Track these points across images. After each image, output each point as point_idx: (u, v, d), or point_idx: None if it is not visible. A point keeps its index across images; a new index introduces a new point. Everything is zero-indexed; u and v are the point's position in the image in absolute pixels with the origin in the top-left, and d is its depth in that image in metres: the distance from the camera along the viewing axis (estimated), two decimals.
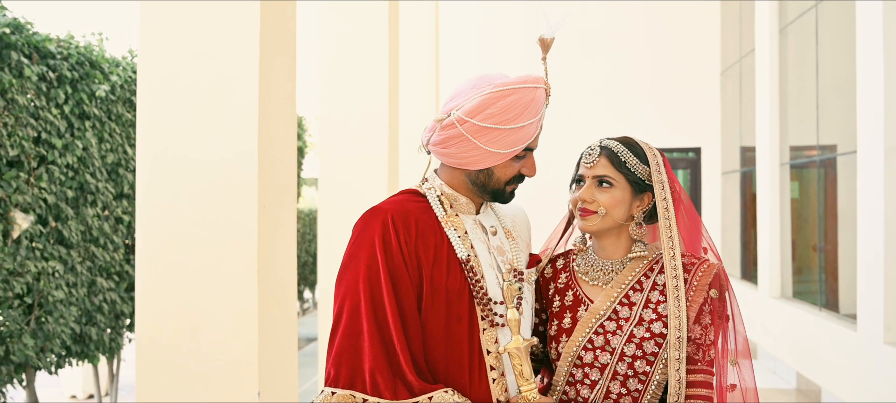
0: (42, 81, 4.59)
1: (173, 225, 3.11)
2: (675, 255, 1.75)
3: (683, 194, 1.86)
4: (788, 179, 8.10)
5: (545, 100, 1.74)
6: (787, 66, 8.09)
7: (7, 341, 4.37)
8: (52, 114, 4.67)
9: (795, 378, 7.45)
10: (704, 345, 1.75)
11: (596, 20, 10.78)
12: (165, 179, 3.11)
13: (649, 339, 1.74)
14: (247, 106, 3.06)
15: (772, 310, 8.07)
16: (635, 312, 1.77)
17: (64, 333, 4.89)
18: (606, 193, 1.79)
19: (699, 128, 10.88)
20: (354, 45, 5.54)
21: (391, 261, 1.63)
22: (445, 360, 1.66)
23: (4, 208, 4.32)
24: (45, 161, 4.70)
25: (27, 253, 4.52)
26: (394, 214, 1.67)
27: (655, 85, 10.81)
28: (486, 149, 1.68)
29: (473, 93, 1.69)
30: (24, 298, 4.62)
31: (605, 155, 1.80)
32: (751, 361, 1.83)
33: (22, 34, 4.35)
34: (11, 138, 4.31)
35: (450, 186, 1.78)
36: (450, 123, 1.69)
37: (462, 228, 1.74)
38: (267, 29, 3.12)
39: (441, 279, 1.66)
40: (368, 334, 1.59)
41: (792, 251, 8.08)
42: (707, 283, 1.77)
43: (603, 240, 1.85)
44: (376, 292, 1.62)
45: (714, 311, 1.77)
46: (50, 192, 4.70)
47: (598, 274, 1.83)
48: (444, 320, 1.66)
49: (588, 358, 1.77)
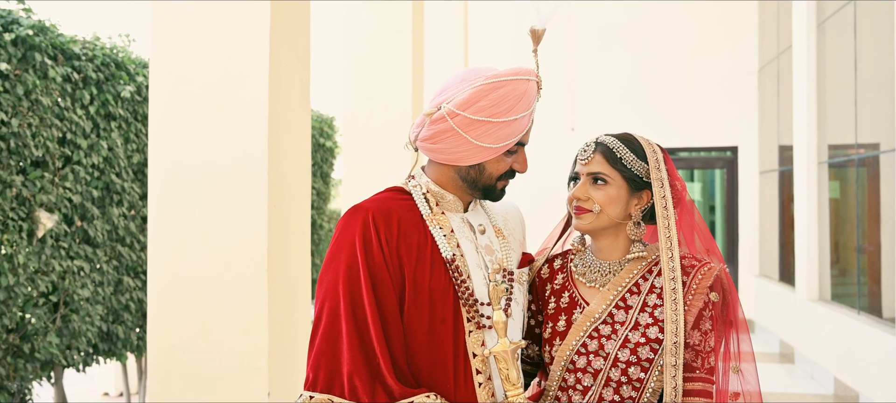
0: (67, 82, 4.64)
1: (184, 227, 3.12)
2: (673, 256, 1.67)
3: (687, 193, 1.78)
4: (827, 178, 7.86)
5: (537, 92, 1.68)
6: (826, 62, 7.86)
7: (33, 339, 4.42)
8: (77, 115, 4.72)
9: (833, 384, 7.23)
10: (704, 352, 1.67)
11: (630, 18, 10.63)
12: (177, 182, 3.12)
13: (644, 344, 1.67)
14: (256, 107, 3.05)
15: (809, 313, 7.84)
16: (631, 316, 1.69)
17: (90, 332, 4.94)
18: (601, 190, 1.72)
19: (736, 127, 10.65)
20: (379, 47, 5.52)
21: (372, 261, 1.58)
22: (429, 363, 1.60)
23: (29, 208, 4.37)
24: (70, 161, 4.76)
25: (52, 252, 4.57)
26: (375, 212, 1.62)
27: (692, 83, 10.61)
28: (478, 144, 1.62)
29: (464, 86, 1.63)
30: (50, 297, 4.67)
31: (600, 151, 1.73)
32: (755, 365, 1.74)
33: (46, 36, 4.40)
34: (36, 139, 4.36)
35: (437, 183, 1.72)
36: (440, 117, 1.63)
37: (448, 227, 1.68)
38: (277, 30, 3.10)
39: (424, 279, 1.60)
40: (347, 336, 1.54)
41: (831, 252, 7.84)
42: (707, 286, 1.68)
43: (600, 240, 1.77)
44: (356, 293, 1.56)
45: (716, 317, 1.69)
46: (75, 192, 4.76)
47: (595, 275, 1.76)
48: (428, 322, 1.60)
49: (581, 363, 1.70)
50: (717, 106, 10.65)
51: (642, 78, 10.67)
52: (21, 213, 4.31)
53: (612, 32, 10.70)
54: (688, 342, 1.65)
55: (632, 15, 10.60)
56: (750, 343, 1.73)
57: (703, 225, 1.77)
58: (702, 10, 10.56)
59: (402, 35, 5.55)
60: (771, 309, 9.60)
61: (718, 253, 1.75)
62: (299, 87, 3.38)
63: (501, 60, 10.56)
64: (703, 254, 1.74)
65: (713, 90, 10.62)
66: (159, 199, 3.12)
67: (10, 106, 4.14)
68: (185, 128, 3.12)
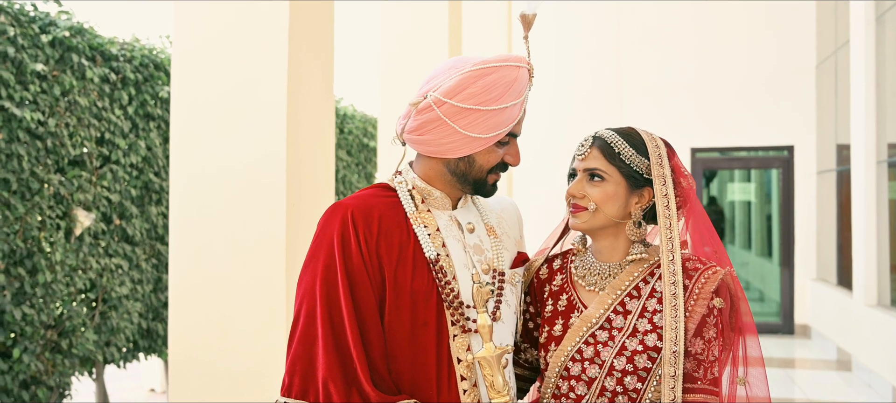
0: (105, 83, 4.71)
1: (204, 228, 3.11)
2: (674, 259, 1.55)
3: (695, 191, 1.66)
4: (886, 178, 7.52)
5: (528, 80, 1.58)
6: (885, 57, 7.51)
7: (71, 335, 4.50)
8: (115, 115, 4.80)
9: (892, 393, 6.90)
10: (706, 362, 1.55)
11: (680, 15, 10.37)
12: (197, 184, 3.12)
13: (641, 353, 1.56)
14: (274, 108, 3.03)
15: (868, 319, 7.51)
16: (629, 321, 1.58)
17: (128, 328, 5.01)
18: (597, 187, 1.61)
19: (792, 125, 10.28)
20: (413, 46, 5.46)
21: (349, 262, 1.50)
22: (411, 368, 1.52)
23: (67, 206, 4.45)
24: (108, 161, 4.83)
25: (90, 250, 4.65)
26: (354, 210, 1.54)
27: (747, 80, 10.29)
28: (466, 134, 1.53)
29: (452, 73, 1.55)
30: (88, 294, 4.75)
31: (597, 146, 1.63)
32: (764, 370, 1.60)
33: (83, 37, 4.47)
34: (73, 138, 4.44)
35: (424, 179, 1.64)
36: (426, 106, 1.55)
37: (433, 225, 1.60)
38: (296, 29, 3.07)
39: (405, 280, 1.52)
40: (323, 340, 1.47)
41: (890, 256, 7.49)
42: (710, 291, 1.56)
43: (599, 241, 1.67)
44: (333, 295, 1.49)
45: (723, 324, 1.57)
46: (114, 191, 4.83)
47: (594, 278, 1.65)
48: (410, 325, 1.52)
49: (575, 370, 1.60)
50: (772, 103, 10.30)
51: (692, 75, 10.39)
52: (59, 212, 4.40)
53: (659, 29, 10.45)
54: (689, 350, 1.54)
55: (682, 12, 10.33)
56: (758, 346, 1.60)
57: (708, 226, 1.65)
58: (756, 7, 10.23)
59: (437, 34, 5.48)
60: (827, 314, 9.24)
61: (725, 256, 1.63)
62: (322, 88, 3.34)
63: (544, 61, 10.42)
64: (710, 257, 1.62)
65: (768, 87, 10.28)
66: (180, 201, 3.13)
67: (47, 106, 4.22)
68: (205, 129, 3.11)
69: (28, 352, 4.13)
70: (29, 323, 4.13)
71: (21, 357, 4.09)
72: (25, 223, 4.10)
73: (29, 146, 4.09)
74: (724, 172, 12.31)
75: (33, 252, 4.16)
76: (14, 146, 3.97)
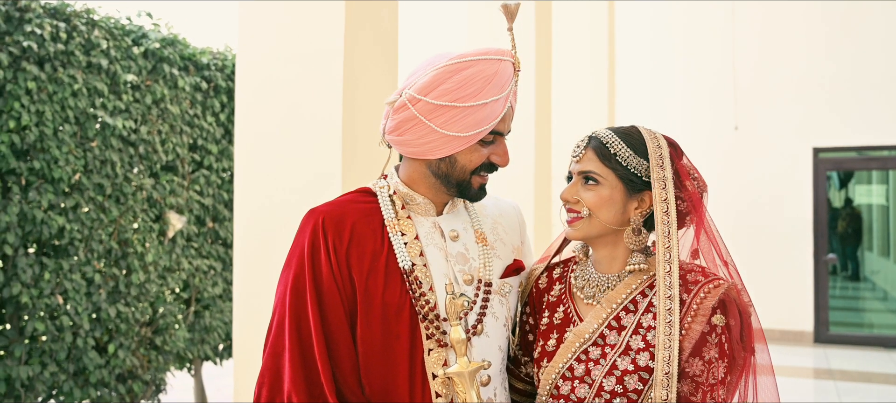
0: (196, 92, 4.91)
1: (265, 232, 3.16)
2: (671, 271, 1.40)
3: (707, 196, 1.50)
4: None
5: (513, 74, 1.48)
6: None
7: (164, 333, 4.72)
8: (206, 121, 4.99)
9: None
10: (706, 385, 1.38)
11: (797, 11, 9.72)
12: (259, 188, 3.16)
13: (632, 373, 1.41)
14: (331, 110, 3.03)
15: None
16: (623, 338, 1.44)
17: (220, 328, 5.20)
18: (591, 191, 1.49)
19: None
20: None
21: (318, 272, 1.44)
22: (383, 383, 1.44)
23: (160, 209, 4.67)
24: (201, 166, 5.03)
25: (182, 252, 4.86)
26: (326, 217, 1.48)
27: (872, 77, 9.52)
28: (445, 133, 1.44)
29: (427, 69, 1.46)
30: (181, 293, 4.97)
31: (592, 147, 1.50)
32: (773, 378, 1.42)
33: (175, 48, 4.68)
34: (165, 145, 4.65)
35: (407, 183, 1.56)
36: (401, 104, 1.46)
37: (412, 232, 1.51)
38: (352, 30, 3.07)
39: (376, 291, 1.44)
40: (290, 353, 1.42)
41: None
42: (711, 307, 1.39)
43: (598, 250, 1.54)
44: (301, 306, 1.44)
45: (731, 343, 1.40)
46: (206, 195, 5.03)
47: (592, 289, 1.52)
48: (381, 338, 1.44)
49: (565, 389, 1.47)
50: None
51: (815, 73, 9.71)
52: (152, 215, 4.62)
53: (777, 26, 9.84)
54: (686, 371, 1.39)
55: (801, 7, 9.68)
56: (768, 354, 1.43)
57: (716, 237, 1.48)
58: None
59: (525, 37, 5.36)
60: None
61: (733, 268, 1.46)
62: (384, 87, 3.33)
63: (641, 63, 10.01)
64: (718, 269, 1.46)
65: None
66: (243, 205, 3.19)
67: (140, 114, 4.44)
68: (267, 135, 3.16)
69: (123, 348, 4.35)
70: (123, 321, 4.36)
71: (116, 352, 4.32)
72: (120, 225, 4.33)
73: (122, 152, 4.32)
74: (860, 173, 11.43)
75: (128, 253, 4.39)
76: (108, 152, 4.20)
